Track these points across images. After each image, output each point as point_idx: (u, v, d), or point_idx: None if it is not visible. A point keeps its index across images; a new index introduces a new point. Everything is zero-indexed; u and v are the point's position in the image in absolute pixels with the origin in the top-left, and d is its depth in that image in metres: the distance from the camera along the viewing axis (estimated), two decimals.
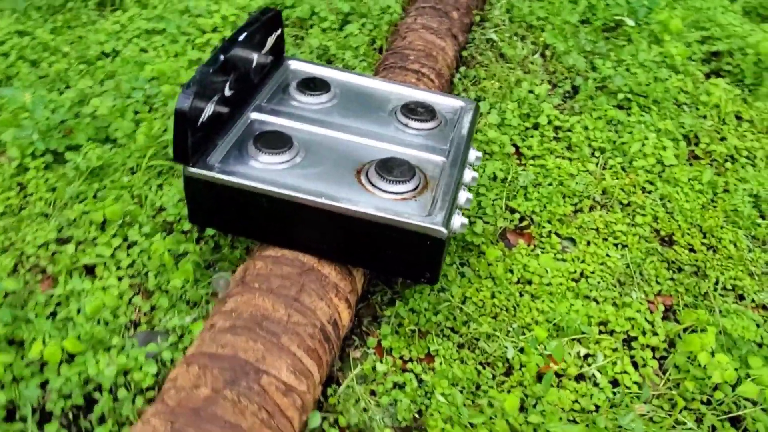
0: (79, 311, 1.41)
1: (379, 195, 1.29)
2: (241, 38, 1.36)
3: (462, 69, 2.22)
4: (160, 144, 1.79)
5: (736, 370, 1.37)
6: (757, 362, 1.38)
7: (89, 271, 1.54)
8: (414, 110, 1.51)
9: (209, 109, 1.28)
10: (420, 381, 1.37)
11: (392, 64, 1.96)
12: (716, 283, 1.64)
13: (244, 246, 1.56)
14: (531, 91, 2.11)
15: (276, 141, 1.34)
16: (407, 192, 1.29)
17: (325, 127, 1.45)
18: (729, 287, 1.64)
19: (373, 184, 1.30)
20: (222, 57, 1.29)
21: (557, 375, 1.41)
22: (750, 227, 1.80)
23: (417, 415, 1.32)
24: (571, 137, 2.00)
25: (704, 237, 1.77)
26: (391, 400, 1.33)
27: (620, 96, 2.11)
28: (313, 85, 1.54)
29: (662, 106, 2.11)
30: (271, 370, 1.14)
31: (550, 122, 2.03)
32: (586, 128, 2.03)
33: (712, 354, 1.39)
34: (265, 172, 1.31)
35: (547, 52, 2.34)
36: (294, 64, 1.64)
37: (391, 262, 1.30)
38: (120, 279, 1.50)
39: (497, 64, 2.29)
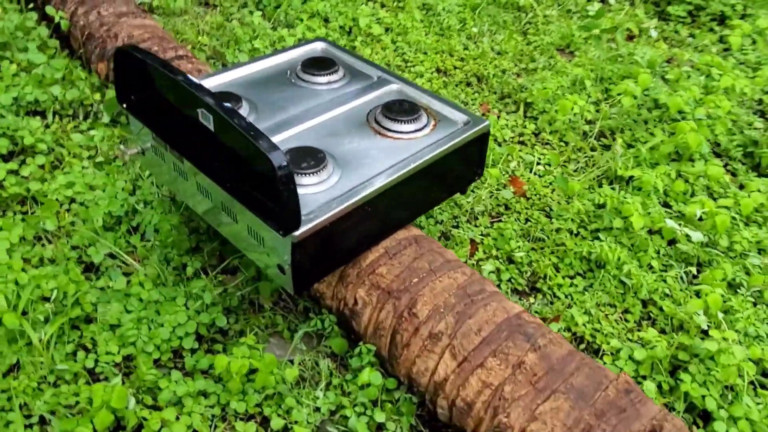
0: None
1: (420, 136, 1.30)
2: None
3: None
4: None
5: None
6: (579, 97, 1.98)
7: None
8: (319, 67, 1.45)
9: None
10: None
11: None
12: (495, 75, 2.14)
13: (278, 305, 1.36)
14: (248, 24, 2.08)
15: (306, 158, 1.18)
16: (430, 120, 1.34)
17: (298, 123, 1.30)
18: (500, 73, 2.16)
19: (406, 132, 1.29)
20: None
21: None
22: (461, 34, 2.32)
23: None
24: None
25: (452, 56, 2.22)
26: None
27: None
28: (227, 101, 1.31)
29: None
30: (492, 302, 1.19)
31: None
32: (311, 29, 2.16)
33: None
34: (335, 188, 1.16)
35: None
36: None
37: (455, 182, 1.38)
38: None
39: (177, 22, 2.12)
